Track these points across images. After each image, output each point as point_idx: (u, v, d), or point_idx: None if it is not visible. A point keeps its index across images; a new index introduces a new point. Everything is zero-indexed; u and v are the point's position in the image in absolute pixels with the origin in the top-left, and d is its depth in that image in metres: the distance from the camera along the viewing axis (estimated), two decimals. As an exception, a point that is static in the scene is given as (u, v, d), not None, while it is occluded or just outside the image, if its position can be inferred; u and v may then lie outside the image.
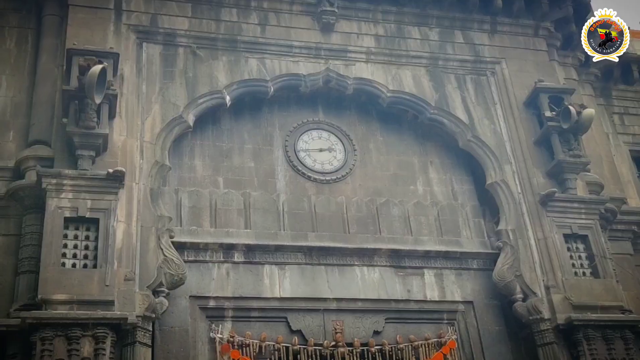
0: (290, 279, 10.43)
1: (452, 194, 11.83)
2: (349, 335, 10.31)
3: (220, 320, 10.00)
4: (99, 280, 8.96)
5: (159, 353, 9.38)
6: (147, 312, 9.05)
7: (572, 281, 10.59)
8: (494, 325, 10.77)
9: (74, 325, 8.54)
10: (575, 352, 10.16)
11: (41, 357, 8.35)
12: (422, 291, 10.83)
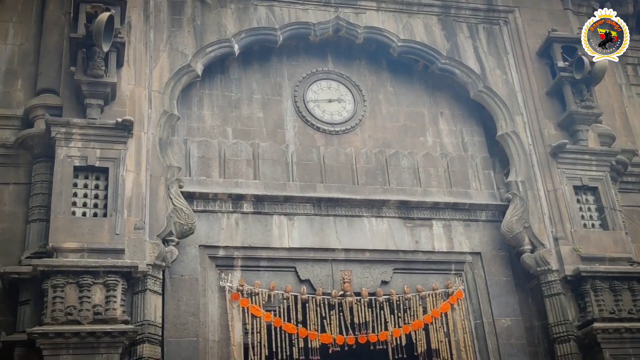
0: (299, 229, 10.47)
1: (462, 145, 11.76)
2: (357, 285, 10.39)
3: (229, 270, 10.09)
4: (109, 228, 9.03)
5: (169, 301, 9.49)
6: (157, 261, 9.13)
7: (580, 233, 10.59)
8: (501, 276, 10.82)
9: (85, 272, 8.64)
10: (582, 303, 10.22)
11: (53, 304, 8.47)
12: (430, 242, 10.86)
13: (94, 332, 8.38)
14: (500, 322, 10.50)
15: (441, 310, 10.51)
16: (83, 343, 8.36)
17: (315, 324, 10.02)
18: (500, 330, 10.45)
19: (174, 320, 9.42)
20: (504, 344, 10.37)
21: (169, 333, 9.31)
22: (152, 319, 8.91)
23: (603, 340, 9.83)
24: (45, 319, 8.41)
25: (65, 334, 8.29)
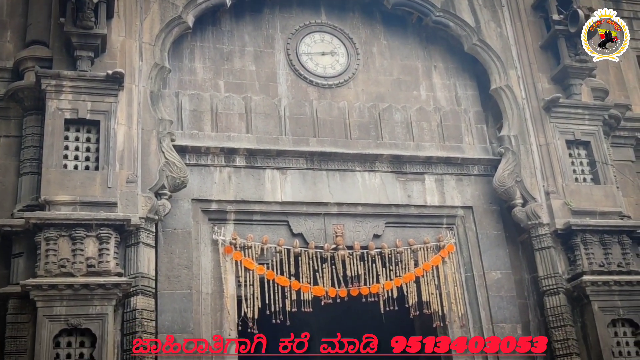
0: (291, 183, 10.48)
1: (456, 99, 11.71)
2: (349, 239, 10.46)
3: (222, 223, 10.12)
4: (101, 181, 9.02)
5: (162, 254, 9.54)
6: (150, 214, 9.15)
7: (572, 187, 10.65)
8: (492, 230, 10.91)
9: (78, 225, 8.67)
10: (572, 257, 10.33)
11: (46, 257, 8.51)
12: (422, 196, 10.90)
13: (88, 285, 8.44)
14: (491, 275, 10.62)
15: (432, 263, 10.62)
16: (77, 295, 8.42)
17: (307, 277, 10.11)
18: (491, 282, 10.57)
19: (167, 273, 9.49)
20: (494, 296, 10.51)
21: (162, 285, 9.38)
22: (146, 272, 8.98)
23: (592, 292, 9.96)
24: (38, 271, 8.46)
25: (58, 286, 8.34)
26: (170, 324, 9.23)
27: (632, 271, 10.28)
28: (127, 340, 8.65)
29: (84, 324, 8.42)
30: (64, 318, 8.37)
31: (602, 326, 9.93)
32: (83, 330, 8.45)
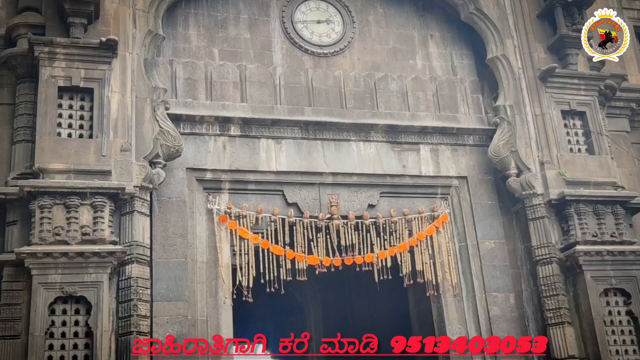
0: (286, 153, 10.46)
1: (452, 68, 11.64)
2: (343, 209, 10.47)
3: (217, 192, 10.11)
4: (95, 150, 8.99)
5: (157, 223, 9.54)
6: (145, 183, 9.14)
7: (566, 157, 10.66)
8: (486, 200, 10.93)
9: (72, 194, 8.67)
10: (565, 227, 10.38)
11: (40, 225, 8.52)
12: (417, 166, 10.90)
13: (82, 253, 8.46)
14: (484, 245, 10.67)
15: (426, 233, 10.65)
16: (71, 263, 8.45)
17: (302, 246, 10.14)
18: (484, 252, 10.62)
19: (162, 242, 9.50)
20: (487, 266, 10.57)
21: (157, 254, 9.40)
22: (140, 240, 8.99)
23: (585, 262, 10.04)
24: (33, 239, 8.47)
25: (53, 254, 8.36)
26: (165, 292, 9.27)
27: (625, 241, 10.35)
28: (122, 308, 8.68)
29: (79, 291, 8.47)
30: (59, 286, 8.41)
31: (594, 295, 10.02)
32: (78, 298, 8.50)
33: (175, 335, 9.08)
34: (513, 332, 10.28)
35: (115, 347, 8.55)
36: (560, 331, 9.93)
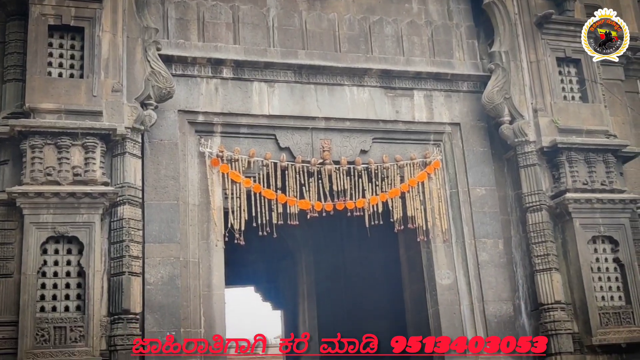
0: (279, 96, 10.37)
1: (448, 13, 11.46)
2: (336, 154, 10.46)
3: (209, 135, 10.08)
4: (87, 90, 8.91)
5: (148, 165, 9.52)
6: (136, 124, 9.09)
7: (560, 105, 10.65)
8: (479, 147, 10.93)
9: (63, 134, 8.63)
10: (556, 174, 10.44)
11: (32, 165, 8.50)
12: (410, 112, 10.86)
13: (74, 193, 8.47)
14: (475, 191, 10.72)
15: (418, 179, 10.68)
16: (63, 203, 8.47)
17: (294, 191, 10.16)
18: (475, 199, 10.68)
19: (154, 184, 9.50)
20: (478, 212, 10.63)
21: (149, 196, 9.41)
22: (132, 182, 8.99)
23: (574, 210, 10.13)
24: (24, 179, 8.46)
25: (45, 194, 8.37)
26: (157, 234, 9.31)
27: (614, 189, 10.43)
28: (114, 249, 8.74)
29: (71, 231, 8.51)
30: (50, 226, 8.44)
31: (583, 242, 10.14)
32: (70, 238, 8.55)
33: (167, 276, 9.18)
34: (501, 277, 10.42)
35: (108, 287, 8.64)
36: (547, 277, 10.06)
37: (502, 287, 10.43)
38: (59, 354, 8.08)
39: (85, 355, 8.16)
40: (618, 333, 9.92)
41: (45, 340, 8.11)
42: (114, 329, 8.48)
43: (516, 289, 10.50)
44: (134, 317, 8.63)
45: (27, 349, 8.01)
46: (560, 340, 9.80)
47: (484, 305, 10.29)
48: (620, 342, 9.87)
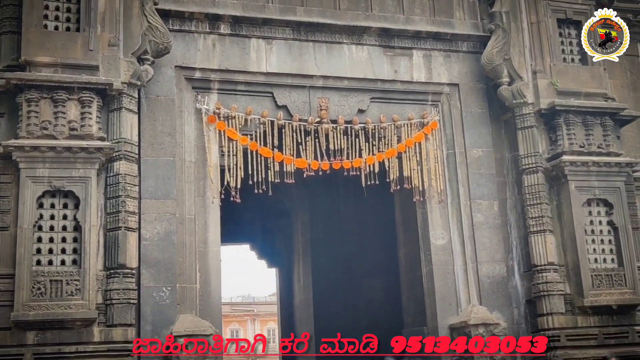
0: (277, 54, 10.29)
1: (449, -29, 11.34)
2: (333, 113, 10.42)
3: (206, 92, 10.03)
4: (83, 44, 8.84)
5: (145, 120, 9.48)
6: (133, 79, 9.03)
7: (559, 67, 10.60)
8: (477, 108, 10.90)
9: (59, 88, 8.59)
10: (553, 137, 10.45)
11: (28, 118, 8.48)
12: (409, 72, 10.79)
13: (70, 148, 8.47)
14: (472, 153, 10.72)
15: (415, 139, 10.68)
16: (59, 158, 8.47)
17: (290, 149, 10.16)
18: (471, 160, 10.69)
19: (150, 140, 9.47)
20: (474, 174, 10.65)
21: (145, 152, 9.39)
22: (128, 137, 8.97)
23: (570, 172, 10.16)
24: (20, 132, 8.45)
25: (41, 148, 8.37)
26: (153, 190, 9.32)
27: (611, 152, 10.44)
28: (110, 204, 8.76)
29: (67, 186, 8.53)
30: (47, 180, 8.45)
31: (577, 205, 10.19)
32: (66, 193, 8.58)
33: (163, 232, 9.22)
34: (495, 238, 10.50)
35: (104, 242, 8.69)
36: (541, 239, 10.13)
37: (496, 248, 10.51)
38: (55, 307, 8.17)
39: (82, 308, 8.26)
40: (609, 295, 10.03)
41: (42, 293, 8.19)
42: (110, 283, 8.55)
43: (510, 250, 10.59)
44: (130, 272, 8.70)
45: (23, 301, 8.09)
46: (552, 301, 9.91)
47: (478, 266, 10.38)
48: (612, 304, 9.99)
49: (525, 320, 10.34)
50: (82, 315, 8.25)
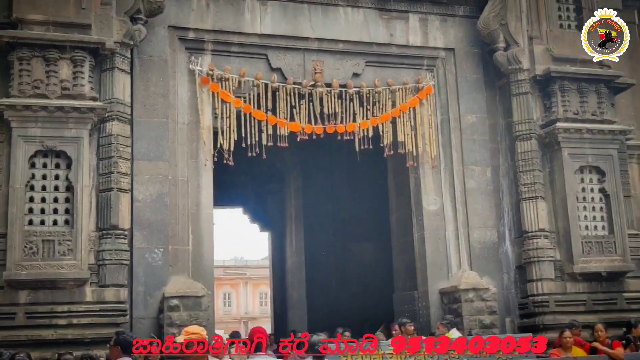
0: (271, 15, 10.19)
1: None
2: (328, 76, 10.36)
3: (199, 53, 9.93)
4: (75, 2, 8.75)
5: (138, 81, 9.40)
6: (125, 39, 8.94)
7: (556, 33, 10.54)
8: (472, 74, 10.85)
9: (51, 46, 8.50)
10: (548, 103, 10.44)
11: (20, 77, 8.41)
12: (405, 36, 10.71)
13: (62, 107, 8.40)
14: (466, 119, 10.70)
15: (410, 104, 10.64)
16: (51, 117, 8.41)
17: (284, 113, 10.11)
18: (465, 126, 10.67)
19: (143, 101, 9.41)
20: (467, 140, 10.65)
21: (138, 113, 9.33)
22: (121, 98, 8.91)
23: (563, 139, 10.16)
24: (12, 91, 8.38)
25: (32, 107, 8.30)
26: (146, 151, 9.29)
27: (605, 120, 10.45)
28: (102, 165, 8.73)
29: (59, 146, 8.48)
30: (39, 139, 8.41)
31: (570, 172, 10.22)
32: (58, 153, 8.53)
33: (155, 194, 9.21)
34: (487, 204, 10.54)
35: (96, 203, 8.68)
36: (533, 205, 10.18)
37: (488, 214, 10.55)
38: (47, 267, 8.18)
39: (74, 268, 8.27)
40: (599, 262, 10.12)
41: (34, 253, 8.19)
42: (102, 243, 8.56)
43: (501, 216, 10.64)
44: (122, 233, 8.70)
45: (15, 260, 8.09)
46: (542, 267, 10.00)
47: (469, 232, 10.44)
48: (601, 271, 10.08)
49: (515, 285, 10.44)
50: (74, 275, 8.27)
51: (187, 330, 4.69)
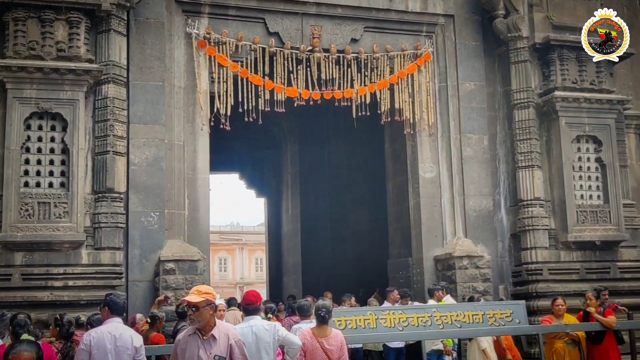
0: (270, -22, 10.08)
1: None
2: (326, 41, 10.28)
3: (196, 16, 9.83)
4: (70, -38, 8.60)
5: (134, 44, 9.32)
6: (121, 0, 8.82)
7: (556, 0, 10.46)
8: (471, 41, 10.77)
9: (47, 7, 8.43)
10: (546, 72, 10.40)
11: (15, 38, 8.34)
12: (404, 1, 10.61)
13: (58, 69, 8.34)
14: (465, 86, 10.65)
15: (408, 71, 10.57)
16: (47, 79, 8.36)
17: (281, 78, 10.04)
18: (463, 94, 10.62)
19: (139, 64, 9.33)
20: (465, 107, 10.61)
21: (134, 76, 9.26)
22: (117, 60, 8.85)
23: (561, 108, 10.14)
24: (7, 52, 8.32)
25: (28, 68, 8.24)
26: (142, 115, 9.24)
27: (603, 89, 10.42)
28: (98, 128, 8.71)
29: (55, 108, 8.44)
30: (34, 101, 8.36)
31: (567, 141, 10.21)
32: (54, 115, 8.50)
33: (151, 157, 9.18)
34: (483, 172, 10.54)
35: (92, 166, 8.67)
36: (529, 174, 10.19)
37: (484, 182, 10.56)
38: (43, 229, 8.19)
39: (70, 230, 8.28)
40: (594, 231, 10.17)
41: (30, 215, 8.20)
42: (98, 206, 8.57)
43: (497, 184, 10.65)
44: (118, 196, 8.71)
45: (11, 222, 8.10)
46: (536, 235, 10.04)
47: (465, 199, 10.45)
48: (595, 240, 10.13)
49: (509, 253, 10.50)
50: (70, 237, 8.29)
51: (199, 290, 4.66)
